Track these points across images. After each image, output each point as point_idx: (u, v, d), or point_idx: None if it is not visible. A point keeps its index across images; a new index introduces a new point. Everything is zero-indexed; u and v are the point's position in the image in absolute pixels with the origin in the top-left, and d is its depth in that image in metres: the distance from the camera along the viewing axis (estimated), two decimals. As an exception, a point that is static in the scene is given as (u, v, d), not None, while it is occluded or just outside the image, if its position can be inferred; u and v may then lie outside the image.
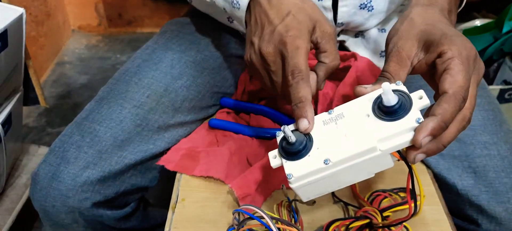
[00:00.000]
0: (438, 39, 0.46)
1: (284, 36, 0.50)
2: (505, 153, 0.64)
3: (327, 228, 0.54)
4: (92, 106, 0.70)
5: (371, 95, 0.46)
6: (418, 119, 0.42)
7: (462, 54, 0.44)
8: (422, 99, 0.43)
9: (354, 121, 0.45)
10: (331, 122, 0.46)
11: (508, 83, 1.31)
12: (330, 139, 0.45)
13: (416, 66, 0.49)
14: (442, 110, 0.42)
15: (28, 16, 1.70)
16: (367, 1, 0.70)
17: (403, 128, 0.42)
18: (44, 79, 1.86)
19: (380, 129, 0.43)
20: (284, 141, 0.46)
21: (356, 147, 0.43)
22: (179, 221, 0.60)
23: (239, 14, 0.58)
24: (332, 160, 0.43)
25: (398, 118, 0.42)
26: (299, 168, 0.44)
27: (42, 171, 0.65)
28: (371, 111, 0.44)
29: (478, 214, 0.63)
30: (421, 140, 0.41)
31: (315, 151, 0.45)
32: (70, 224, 0.67)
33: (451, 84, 0.43)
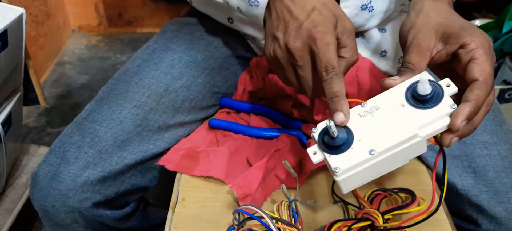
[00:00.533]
0: (457, 32, 0.49)
1: (313, 32, 0.51)
2: (505, 153, 0.64)
3: (329, 229, 0.54)
4: (92, 106, 0.70)
5: (401, 86, 0.47)
6: (452, 104, 0.44)
7: (484, 45, 0.47)
8: (450, 86, 0.46)
9: (391, 111, 0.46)
10: (367, 114, 0.47)
11: (508, 83, 1.31)
12: (370, 130, 0.46)
13: (435, 57, 0.51)
14: (475, 96, 0.45)
15: (28, 16, 1.70)
16: (368, 2, 0.70)
17: (439, 114, 0.44)
18: (44, 79, 1.86)
19: (418, 117, 0.45)
20: (325, 136, 0.47)
21: (399, 135, 0.44)
22: (179, 221, 0.60)
23: (257, 11, 0.58)
24: (377, 150, 0.44)
25: (433, 105, 0.45)
26: (345, 160, 0.45)
27: (42, 171, 0.65)
28: (405, 101, 0.46)
29: (478, 214, 0.63)
30: (459, 124, 0.44)
31: (358, 143, 0.46)
32: (70, 224, 0.67)
33: (481, 73, 0.46)
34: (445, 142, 0.46)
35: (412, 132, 0.44)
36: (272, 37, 0.56)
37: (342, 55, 0.54)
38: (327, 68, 0.50)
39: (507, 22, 1.23)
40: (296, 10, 0.53)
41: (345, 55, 0.54)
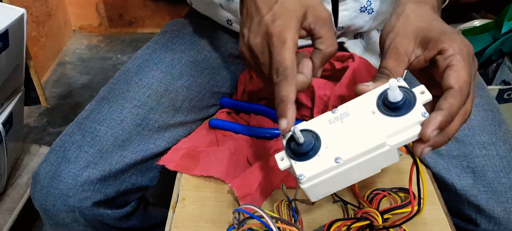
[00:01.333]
0: (437, 37, 0.47)
1: (270, 27, 0.48)
2: (504, 153, 0.64)
3: (329, 228, 0.54)
4: (92, 106, 0.70)
5: (373, 93, 0.46)
6: (424, 113, 0.43)
7: (463, 51, 0.46)
8: (424, 94, 0.45)
9: (360, 118, 0.45)
10: (336, 121, 0.46)
11: (507, 83, 1.31)
12: (338, 137, 0.45)
13: (414, 63, 0.49)
14: (448, 104, 0.43)
15: (29, 16, 1.70)
16: (367, 4, 0.70)
17: (410, 122, 0.43)
18: (45, 79, 1.86)
19: (387, 125, 0.44)
20: (292, 142, 0.46)
21: (366, 144, 0.43)
22: (179, 220, 0.60)
23: (234, 6, 0.57)
24: (343, 157, 0.43)
25: (404, 113, 0.43)
26: (310, 168, 0.44)
27: (42, 171, 0.65)
28: (376, 108, 0.45)
29: (477, 214, 0.63)
30: (430, 133, 0.42)
31: (324, 150, 0.45)
32: (70, 223, 0.67)
33: (456, 80, 0.44)
34: (416, 152, 0.45)
35: (380, 140, 0.43)
36: (241, 35, 0.53)
37: (317, 46, 0.52)
38: (278, 70, 0.47)
39: (506, 23, 1.23)
40: (260, 3, 0.50)
41: (320, 47, 0.51)
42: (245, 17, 0.53)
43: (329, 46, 0.51)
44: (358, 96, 0.47)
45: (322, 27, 0.51)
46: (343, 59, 0.73)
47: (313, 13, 0.50)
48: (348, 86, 0.69)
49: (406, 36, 0.49)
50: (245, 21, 0.53)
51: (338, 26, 0.71)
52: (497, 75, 1.35)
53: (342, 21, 0.71)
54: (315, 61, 0.52)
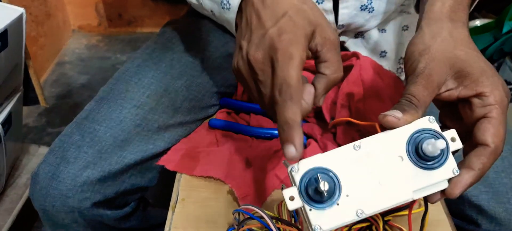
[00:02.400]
0: (477, 76, 0.42)
1: (276, 41, 0.43)
2: (505, 154, 0.64)
3: (329, 229, 0.54)
4: (92, 106, 0.70)
5: (403, 131, 0.41)
6: (455, 169, 0.40)
7: (503, 102, 0.42)
8: (455, 142, 0.41)
9: (387, 163, 0.41)
10: (359, 161, 0.41)
11: (508, 83, 1.31)
12: (361, 184, 0.40)
13: (443, 95, 0.45)
14: (481, 165, 0.40)
15: (28, 16, 1.70)
16: (368, 3, 0.69)
17: (440, 178, 0.40)
18: (44, 79, 1.86)
19: (416, 178, 0.40)
20: (310, 187, 0.40)
21: (392, 199, 0.40)
22: (179, 221, 0.60)
23: (228, 15, 0.52)
24: (366, 212, 0.40)
25: (436, 166, 0.40)
26: (329, 219, 0.39)
27: (42, 171, 0.65)
28: (405, 154, 0.41)
29: (478, 214, 0.63)
30: (457, 194, 0.40)
31: (345, 199, 0.40)
32: (70, 224, 0.67)
33: (493, 138, 0.40)
34: (432, 200, 0.42)
35: (407, 196, 0.40)
36: (238, 47, 0.48)
37: (321, 71, 0.47)
38: (282, 88, 0.42)
39: (507, 22, 1.23)
40: (265, 15, 0.45)
41: (325, 72, 0.47)
42: (244, 29, 0.48)
43: (334, 72, 0.47)
44: (384, 126, 0.42)
45: (329, 50, 0.46)
46: (346, 58, 0.73)
47: (321, 34, 0.46)
48: (356, 83, 0.69)
49: (443, 64, 0.44)
50: (244, 33, 0.47)
51: (338, 25, 0.71)
52: (497, 75, 1.35)
53: (342, 19, 0.71)
54: (318, 87, 0.47)
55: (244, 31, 0.48)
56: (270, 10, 0.45)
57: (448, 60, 0.44)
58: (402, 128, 0.41)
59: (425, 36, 0.47)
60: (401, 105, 0.42)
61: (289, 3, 0.46)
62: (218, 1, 0.53)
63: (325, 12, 0.70)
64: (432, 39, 0.46)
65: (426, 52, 0.45)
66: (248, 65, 0.46)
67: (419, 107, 0.42)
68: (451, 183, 0.40)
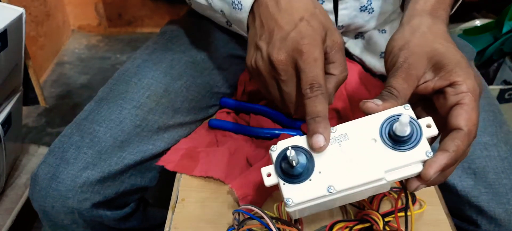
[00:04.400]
0: (452, 67, 0.44)
1: (300, 44, 0.46)
2: (505, 154, 0.64)
3: (330, 229, 0.54)
4: (91, 106, 0.70)
5: (378, 117, 0.43)
6: (428, 152, 0.41)
7: (476, 90, 0.43)
8: (430, 128, 0.42)
9: (360, 144, 0.42)
10: (334, 142, 0.43)
11: (508, 83, 1.31)
12: (333, 163, 0.42)
13: (421, 87, 0.46)
14: (456, 147, 0.41)
15: (28, 16, 1.70)
16: (367, 3, 0.69)
17: (412, 160, 0.41)
18: (44, 79, 1.86)
19: (388, 159, 0.41)
20: (284, 161, 0.43)
21: (363, 177, 0.41)
22: (179, 221, 0.60)
23: (240, 15, 0.54)
24: (336, 188, 0.41)
25: (408, 148, 0.41)
26: (300, 193, 0.41)
27: (41, 172, 0.65)
28: (378, 136, 0.42)
29: (478, 215, 0.63)
30: (432, 175, 0.41)
31: (317, 176, 0.42)
32: (69, 224, 0.67)
33: (466, 122, 0.42)
34: (411, 188, 0.43)
35: (378, 175, 0.41)
36: (255, 46, 0.51)
37: (330, 71, 0.50)
38: (313, 86, 0.46)
39: (507, 22, 1.24)
40: (282, 19, 0.49)
41: (334, 72, 0.50)
42: (260, 30, 0.50)
43: (342, 72, 0.50)
44: (364, 112, 0.44)
45: (337, 52, 0.50)
46: None
47: (330, 37, 0.49)
48: (340, 98, 0.68)
49: (421, 57, 0.46)
50: (261, 34, 0.50)
51: (338, 25, 0.71)
52: (498, 75, 1.36)
53: (342, 20, 0.71)
54: (329, 86, 0.50)
55: (260, 31, 0.50)
56: (287, 14, 0.49)
57: (427, 53, 0.46)
58: (378, 114, 0.43)
59: (405, 32, 0.49)
60: (382, 96, 0.45)
61: (303, 7, 0.49)
62: (229, 2, 0.55)
63: None
64: (412, 34, 0.48)
65: (406, 47, 0.47)
66: (270, 65, 0.49)
67: (399, 98, 0.44)
68: (425, 164, 0.41)
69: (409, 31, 0.49)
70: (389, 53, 0.49)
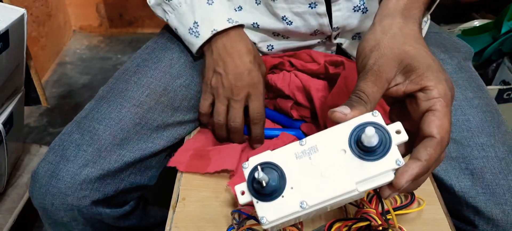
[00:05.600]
0: (423, 71, 0.43)
1: (253, 82, 0.67)
2: (503, 155, 0.64)
3: (329, 229, 0.54)
4: (91, 105, 0.70)
5: (347, 126, 0.42)
6: (398, 160, 0.40)
7: (447, 96, 0.43)
8: (400, 134, 0.41)
9: (330, 157, 0.42)
10: (304, 156, 0.42)
11: (506, 83, 1.31)
12: (304, 177, 0.41)
13: (391, 90, 0.46)
14: (428, 156, 0.41)
15: (29, 16, 1.70)
16: (361, 4, 0.69)
17: (382, 169, 0.40)
18: (45, 79, 1.86)
19: (358, 170, 0.40)
20: (255, 180, 0.42)
21: (335, 190, 0.40)
22: (179, 220, 0.60)
23: (195, 41, 0.69)
24: (309, 203, 0.40)
25: (377, 157, 0.40)
26: (273, 211, 0.41)
27: (41, 169, 0.65)
28: (347, 147, 0.41)
29: (475, 216, 0.63)
30: (404, 184, 0.40)
31: (289, 191, 0.41)
32: (69, 222, 0.67)
33: (438, 129, 0.41)
34: (384, 195, 0.42)
35: (350, 187, 0.40)
36: (213, 70, 0.68)
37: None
38: (259, 114, 0.67)
39: (506, 23, 1.24)
40: (234, 60, 0.67)
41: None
42: (217, 60, 0.69)
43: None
44: (332, 121, 0.43)
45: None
46: (337, 64, 0.73)
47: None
48: (341, 95, 0.69)
49: (391, 59, 0.45)
50: (218, 64, 0.69)
51: (333, 27, 0.72)
52: (496, 75, 1.36)
53: (336, 22, 0.71)
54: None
55: (217, 61, 0.68)
56: (237, 56, 0.68)
57: (397, 55, 0.45)
58: (347, 122, 0.42)
59: (376, 32, 0.48)
60: (350, 101, 0.44)
61: (246, 51, 0.69)
62: (186, 26, 0.69)
63: (319, 16, 0.70)
64: (383, 35, 0.47)
65: (376, 48, 0.46)
66: (227, 87, 0.67)
67: (368, 103, 0.44)
68: (397, 173, 0.40)
69: (380, 31, 0.48)
70: (359, 54, 0.48)
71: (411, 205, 0.58)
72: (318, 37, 0.75)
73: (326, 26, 0.71)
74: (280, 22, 0.72)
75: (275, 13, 0.71)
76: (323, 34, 0.73)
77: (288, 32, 0.73)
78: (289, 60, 0.76)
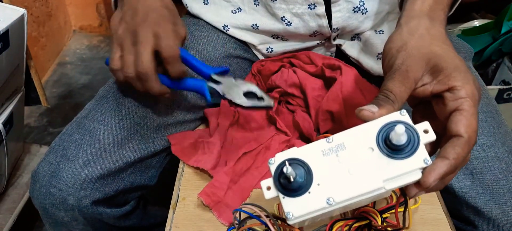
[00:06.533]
0: (450, 71, 0.44)
1: (161, 21, 0.59)
2: (503, 155, 0.64)
3: (330, 229, 0.54)
4: (92, 105, 0.70)
5: (374, 125, 0.42)
6: (426, 159, 0.40)
7: (475, 96, 0.43)
8: (428, 133, 0.41)
9: (357, 154, 0.42)
10: (331, 153, 0.42)
11: (506, 83, 1.31)
12: (331, 174, 0.42)
13: (418, 90, 0.46)
14: (456, 155, 0.41)
15: (29, 16, 1.70)
16: (360, 4, 0.69)
17: (410, 168, 0.40)
18: (45, 79, 1.86)
19: (386, 168, 0.40)
20: (282, 175, 0.42)
21: (362, 187, 0.40)
22: (179, 220, 0.61)
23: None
24: (336, 200, 0.40)
25: (405, 156, 0.40)
26: (300, 206, 0.41)
27: (41, 169, 0.65)
28: (375, 145, 0.41)
29: (475, 216, 0.63)
30: (431, 182, 0.40)
31: (316, 188, 0.41)
32: (69, 222, 0.67)
33: (466, 129, 0.41)
34: (410, 194, 0.42)
35: (377, 184, 0.40)
36: (120, 19, 0.61)
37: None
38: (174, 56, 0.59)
39: (506, 23, 1.24)
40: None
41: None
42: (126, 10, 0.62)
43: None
44: (360, 119, 0.43)
45: None
46: (334, 67, 0.73)
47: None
48: (336, 100, 0.68)
49: (419, 59, 0.45)
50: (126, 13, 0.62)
51: (332, 28, 0.72)
52: (496, 75, 1.36)
53: (336, 23, 0.71)
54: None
55: (126, 10, 0.61)
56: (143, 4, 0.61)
57: (424, 55, 0.45)
58: (374, 121, 0.42)
59: (403, 33, 0.48)
60: (378, 100, 0.44)
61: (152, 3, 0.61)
62: None
63: (318, 17, 0.70)
64: (410, 36, 0.47)
65: (403, 49, 0.46)
66: (132, 32, 0.59)
67: (396, 102, 0.43)
68: (425, 171, 0.40)
69: (407, 32, 0.48)
70: (386, 54, 0.49)
71: (398, 203, 0.58)
72: (317, 38, 0.75)
73: (325, 28, 0.71)
74: (279, 22, 0.72)
75: (274, 13, 0.71)
76: (322, 35, 0.74)
77: (288, 33, 0.73)
78: (289, 61, 0.76)
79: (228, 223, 0.60)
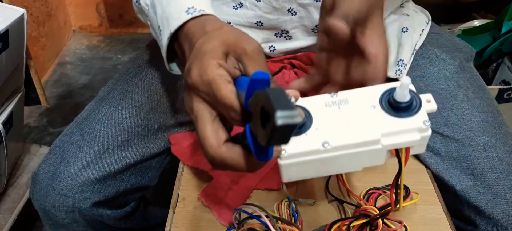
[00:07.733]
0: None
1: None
2: (504, 155, 0.64)
3: (330, 228, 0.54)
4: (92, 106, 0.70)
5: (379, 88, 0.44)
6: (426, 121, 0.41)
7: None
8: (430, 103, 0.42)
9: (359, 109, 0.43)
10: (333, 105, 0.44)
11: (507, 83, 1.31)
12: (331, 122, 0.42)
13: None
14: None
15: (29, 16, 1.70)
16: None
17: (409, 126, 0.41)
18: (45, 79, 1.86)
19: (385, 123, 0.41)
20: None
21: (359, 136, 0.41)
22: (180, 220, 0.60)
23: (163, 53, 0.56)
24: (331, 144, 0.40)
25: (406, 115, 0.41)
26: (294, 144, 0.41)
27: (42, 171, 0.65)
28: (377, 104, 0.42)
29: (476, 215, 0.63)
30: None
31: (314, 131, 0.42)
32: (70, 223, 0.67)
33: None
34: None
35: (374, 136, 0.41)
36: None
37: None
38: None
39: (506, 23, 1.24)
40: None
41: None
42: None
43: None
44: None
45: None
46: None
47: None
48: None
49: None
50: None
51: None
52: (497, 75, 1.36)
53: None
54: None
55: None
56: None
57: None
58: (378, 86, 0.44)
59: None
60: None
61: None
62: (156, 33, 0.58)
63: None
64: None
65: None
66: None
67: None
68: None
69: None
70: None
71: (406, 199, 0.59)
72: None
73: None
74: (283, 15, 0.71)
75: (280, 7, 0.70)
76: None
77: (291, 23, 0.72)
78: (290, 62, 0.76)
79: (228, 223, 0.60)
